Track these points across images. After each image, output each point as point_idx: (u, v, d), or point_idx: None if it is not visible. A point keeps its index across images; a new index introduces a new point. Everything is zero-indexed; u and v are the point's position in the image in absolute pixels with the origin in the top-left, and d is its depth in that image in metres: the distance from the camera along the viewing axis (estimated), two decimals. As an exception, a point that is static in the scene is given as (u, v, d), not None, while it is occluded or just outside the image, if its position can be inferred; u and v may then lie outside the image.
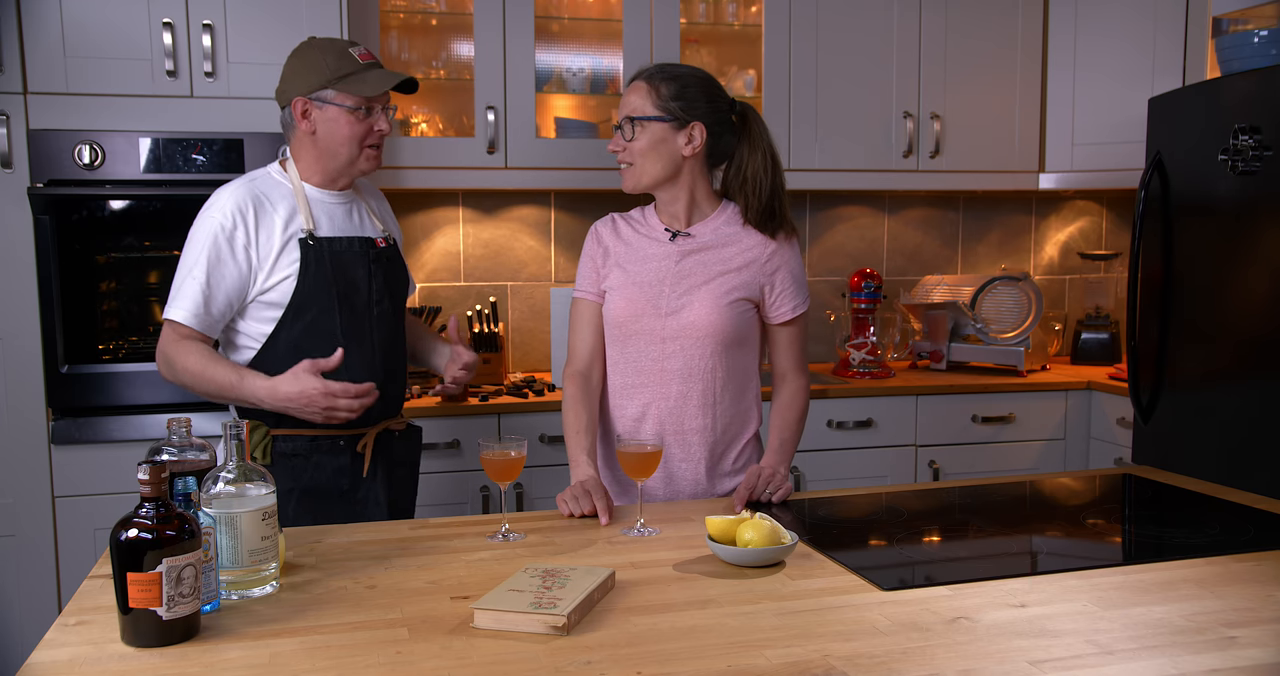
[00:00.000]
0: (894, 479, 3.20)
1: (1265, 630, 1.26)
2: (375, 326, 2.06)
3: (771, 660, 1.18)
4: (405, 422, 2.17)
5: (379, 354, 2.07)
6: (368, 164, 2.05)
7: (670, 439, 2.00)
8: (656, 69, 2.00)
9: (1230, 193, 2.61)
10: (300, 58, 2.03)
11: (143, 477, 1.23)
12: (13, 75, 2.62)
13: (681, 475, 2.02)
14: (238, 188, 2.00)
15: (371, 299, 2.05)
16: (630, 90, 1.99)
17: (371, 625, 1.30)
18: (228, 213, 1.95)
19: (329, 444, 2.03)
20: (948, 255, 3.91)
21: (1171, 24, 3.28)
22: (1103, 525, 1.79)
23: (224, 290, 1.95)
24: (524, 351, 3.55)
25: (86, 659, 1.21)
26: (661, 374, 1.99)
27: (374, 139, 2.03)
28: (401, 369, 2.15)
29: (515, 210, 3.52)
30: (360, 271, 2.04)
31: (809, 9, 3.31)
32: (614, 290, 2.02)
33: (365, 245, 2.06)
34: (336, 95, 1.98)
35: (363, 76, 1.99)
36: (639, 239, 2.04)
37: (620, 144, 1.98)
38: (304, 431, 2.01)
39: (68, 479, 2.70)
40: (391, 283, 2.11)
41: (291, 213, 2.00)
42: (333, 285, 1.99)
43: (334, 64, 1.98)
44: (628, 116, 1.96)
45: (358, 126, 2.00)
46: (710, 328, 1.96)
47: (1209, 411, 2.70)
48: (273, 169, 2.07)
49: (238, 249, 1.95)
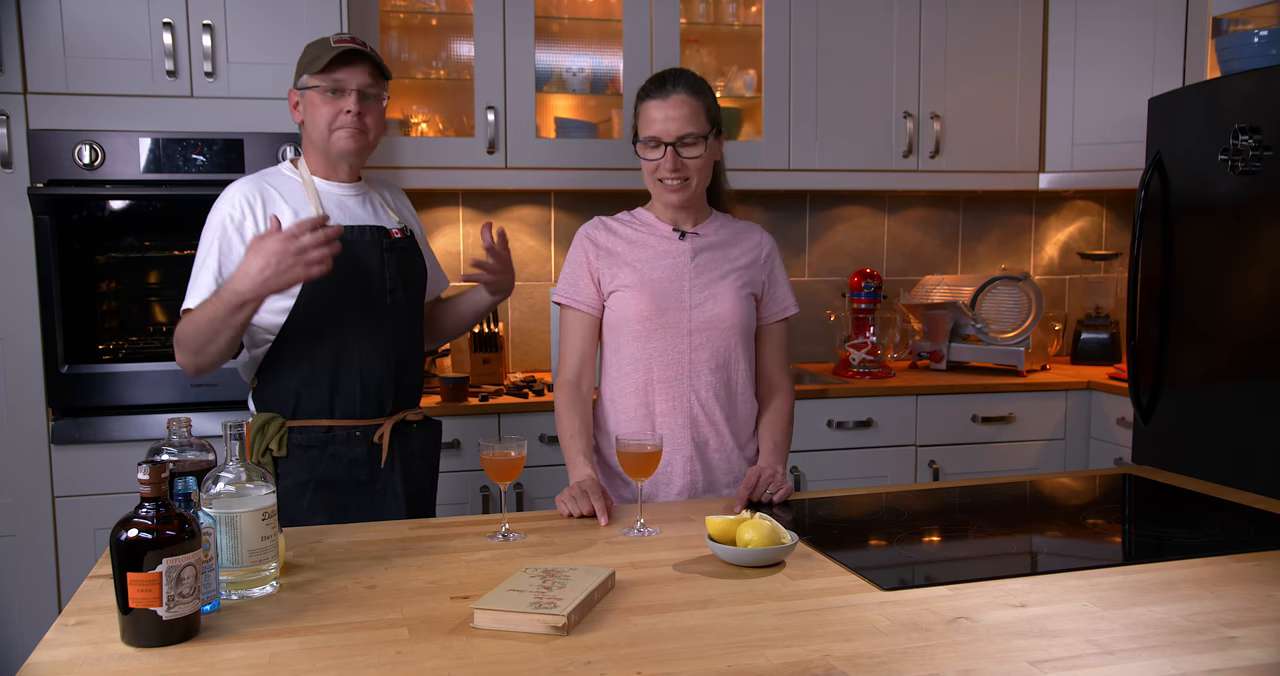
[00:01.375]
0: (894, 479, 3.20)
1: (1265, 630, 1.26)
2: (388, 315, 2.06)
3: (771, 660, 1.18)
4: (423, 414, 2.17)
5: (391, 342, 2.07)
6: (342, 143, 2.02)
7: (705, 430, 2.02)
8: (690, 78, 1.98)
9: (1230, 193, 2.61)
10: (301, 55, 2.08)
11: (143, 477, 1.23)
12: (13, 75, 2.62)
13: (717, 464, 2.05)
14: (247, 181, 2.04)
15: (385, 287, 2.05)
16: (673, 104, 1.94)
17: (371, 625, 1.30)
18: (236, 203, 1.98)
19: (345, 434, 2.03)
20: (948, 255, 3.91)
21: (1171, 24, 3.28)
22: (1103, 525, 1.79)
23: None
24: (524, 351, 3.55)
25: (86, 659, 1.20)
26: (692, 365, 2.01)
27: (343, 120, 2.01)
28: (416, 359, 2.15)
29: (515, 210, 3.52)
30: (373, 260, 2.04)
31: (809, 9, 3.31)
32: (628, 288, 2.02)
33: (378, 234, 2.06)
34: (309, 79, 2.01)
35: (330, 57, 2.00)
36: (643, 237, 2.05)
37: (679, 162, 1.95)
38: (320, 422, 2.02)
39: (68, 479, 2.70)
40: (406, 273, 2.10)
41: (300, 203, 2.02)
42: (343, 274, 1.97)
43: (313, 52, 2.02)
44: (690, 133, 1.94)
45: (326, 108, 2.00)
46: (735, 318, 2.01)
47: (1209, 411, 2.70)
48: (283, 166, 2.10)
49: (247, 237, 1.95)
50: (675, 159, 1.95)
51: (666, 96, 1.95)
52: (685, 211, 2.05)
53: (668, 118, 1.94)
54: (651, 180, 2.01)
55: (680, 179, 1.97)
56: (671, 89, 1.96)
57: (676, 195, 1.99)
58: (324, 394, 2.02)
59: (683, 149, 1.95)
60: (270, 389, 2.04)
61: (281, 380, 2.03)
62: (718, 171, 2.10)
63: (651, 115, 1.96)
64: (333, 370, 2.02)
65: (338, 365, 2.02)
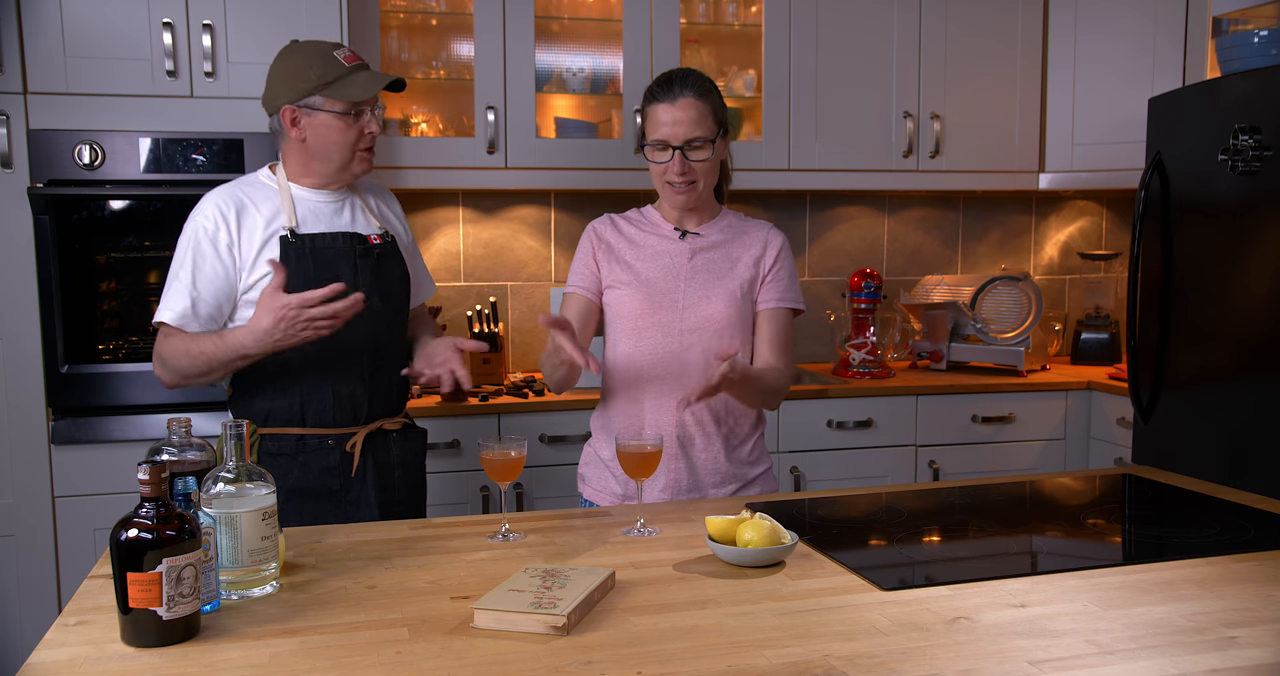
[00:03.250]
0: (894, 479, 3.20)
1: (1265, 630, 1.26)
2: (362, 322, 1.99)
3: (771, 660, 1.18)
4: (403, 422, 2.14)
5: (365, 349, 2.05)
6: (360, 167, 2.05)
7: (692, 430, 2.02)
8: (698, 80, 1.97)
9: (1230, 193, 2.61)
10: (285, 63, 2.00)
11: (143, 477, 1.23)
12: (13, 75, 2.62)
13: (703, 465, 2.04)
14: (221, 191, 2.02)
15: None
16: (682, 107, 1.93)
17: (371, 625, 1.30)
18: (209, 214, 1.97)
19: (317, 442, 2.02)
20: (948, 255, 3.91)
21: (1171, 24, 3.28)
22: (1103, 525, 1.79)
23: (211, 291, 1.96)
24: (524, 351, 3.55)
25: (86, 659, 1.20)
26: (683, 365, 2.00)
27: (366, 142, 2.03)
28: (393, 367, 2.11)
29: (515, 210, 3.52)
30: (344, 267, 2.01)
31: (809, 9, 3.31)
32: (623, 285, 2.02)
33: (352, 241, 2.04)
34: (325, 101, 1.97)
35: (349, 80, 1.98)
36: (645, 236, 2.06)
37: (686, 165, 1.95)
38: (291, 430, 2.01)
39: (68, 479, 2.70)
40: (383, 280, 2.08)
41: (274, 212, 2.00)
42: (313, 281, 1.94)
43: (320, 69, 1.96)
44: (699, 137, 1.94)
45: (348, 131, 1.99)
46: (727, 320, 2.00)
47: (1209, 411, 2.70)
48: (261, 173, 2.08)
49: (221, 249, 1.96)
50: (683, 163, 1.95)
51: (674, 100, 1.94)
52: (692, 211, 2.06)
53: (675, 121, 1.93)
54: (660, 182, 2.01)
55: (687, 182, 1.97)
56: (679, 92, 1.95)
57: (684, 196, 1.99)
58: (295, 403, 2.01)
59: (690, 152, 1.95)
60: (245, 397, 2.04)
61: (255, 389, 2.02)
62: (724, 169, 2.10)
63: (659, 118, 1.95)
64: (303, 378, 2.01)
65: (308, 373, 2.00)
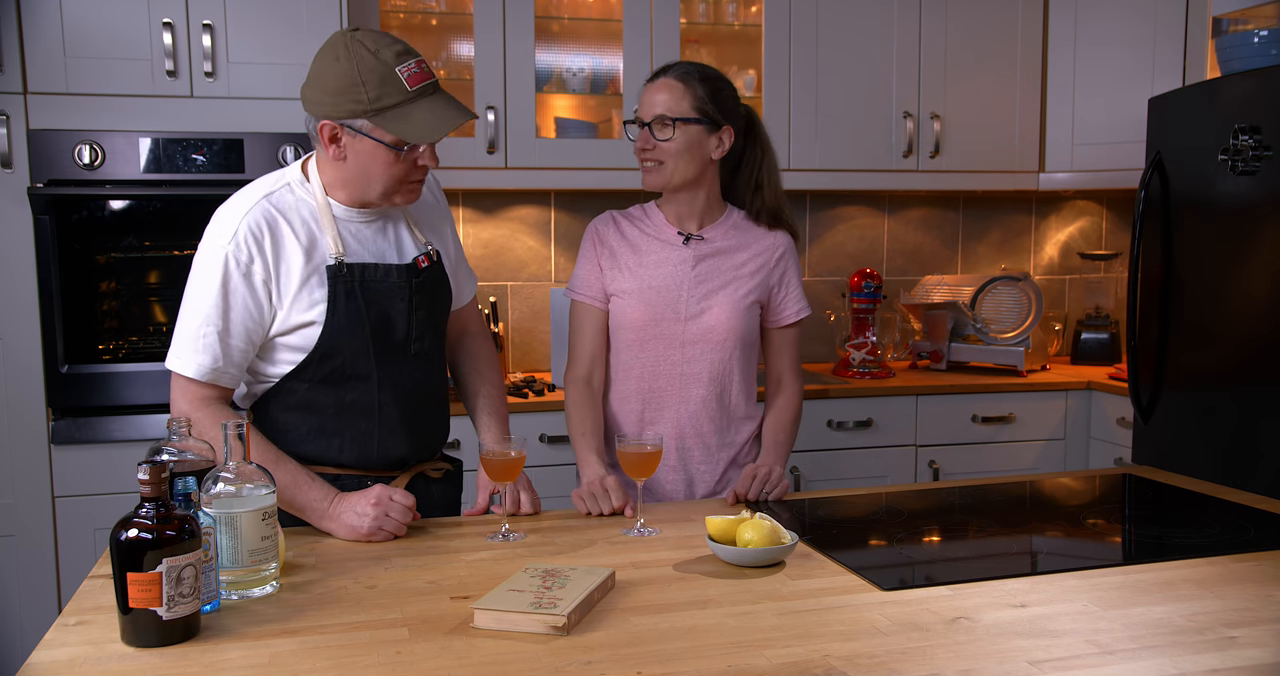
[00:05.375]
0: (894, 479, 3.20)
1: (1265, 630, 1.26)
2: (410, 365, 1.79)
3: (771, 660, 1.18)
4: (445, 469, 1.93)
5: (415, 399, 1.81)
6: (405, 198, 1.74)
7: (690, 442, 2.01)
8: (688, 67, 1.96)
9: (1230, 193, 2.61)
10: (334, 67, 1.63)
11: (143, 477, 1.23)
12: (13, 75, 2.62)
13: (701, 478, 2.03)
14: (249, 207, 1.68)
15: (410, 335, 1.78)
16: (658, 87, 1.94)
17: (371, 625, 1.30)
18: (240, 242, 1.65)
19: (355, 483, 1.77)
20: (948, 255, 3.91)
21: (1171, 24, 3.28)
22: (1103, 525, 1.79)
23: (243, 334, 1.67)
24: (524, 351, 3.55)
25: (86, 659, 1.20)
26: (683, 378, 1.99)
27: (417, 175, 1.72)
28: (441, 412, 1.91)
29: (515, 210, 3.52)
30: (398, 305, 1.75)
31: (809, 9, 3.31)
32: (626, 294, 2.00)
33: (405, 274, 1.76)
34: (374, 130, 1.64)
35: (408, 113, 1.63)
36: (647, 240, 2.02)
37: (650, 142, 1.94)
38: (329, 469, 1.77)
39: (68, 479, 2.70)
40: (436, 315, 1.83)
41: (312, 236, 1.70)
42: (365, 323, 1.71)
43: (375, 89, 1.61)
44: (663, 115, 1.92)
45: (395, 165, 1.67)
46: (731, 331, 1.98)
47: (1209, 411, 2.70)
48: (293, 178, 1.75)
49: (256, 283, 1.66)
50: (647, 138, 1.94)
51: (655, 80, 1.97)
52: (688, 208, 2.01)
53: (650, 101, 1.95)
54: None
55: (653, 161, 1.95)
56: (662, 74, 1.97)
57: (649, 177, 1.98)
58: (329, 443, 1.77)
59: (658, 130, 1.93)
60: (269, 427, 1.77)
61: (282, 422, 1.76)
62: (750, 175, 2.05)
63: (641, 98, 1.98)
64: (340, 423, 1.76)
65: (347, 419, 1.76)
